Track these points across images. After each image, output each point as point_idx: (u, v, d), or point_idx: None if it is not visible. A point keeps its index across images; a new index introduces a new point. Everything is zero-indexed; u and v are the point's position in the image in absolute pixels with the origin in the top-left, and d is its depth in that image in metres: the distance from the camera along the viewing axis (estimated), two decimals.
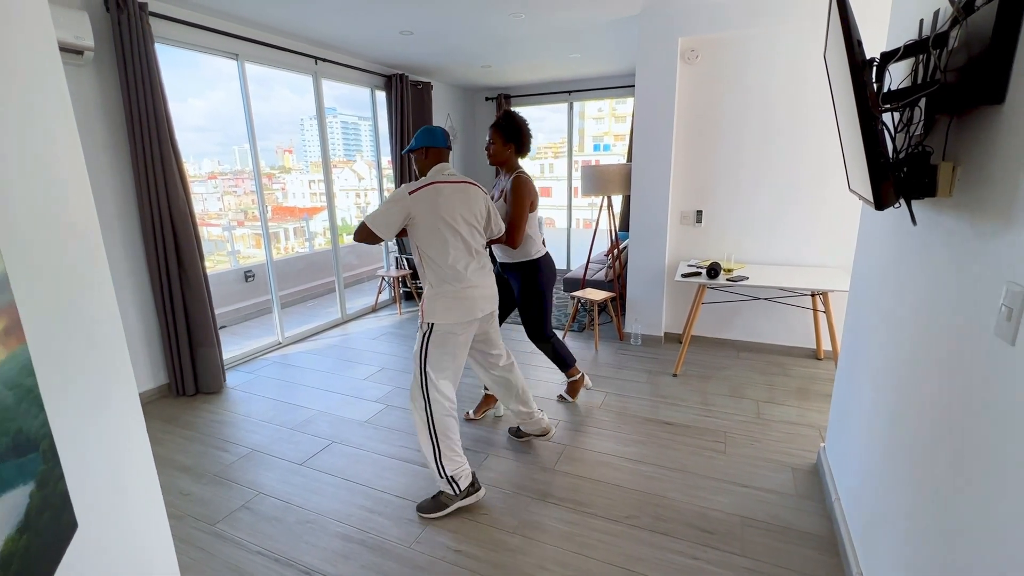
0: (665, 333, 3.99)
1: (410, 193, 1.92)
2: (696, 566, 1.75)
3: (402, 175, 5.14)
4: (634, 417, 2.80)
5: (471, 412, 2.83)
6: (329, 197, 4.47)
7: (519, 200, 2.43)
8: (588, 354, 3.77)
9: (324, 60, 4.20)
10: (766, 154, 3.48)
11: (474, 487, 2.09)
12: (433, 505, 2.06)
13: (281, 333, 4.11)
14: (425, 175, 2.05)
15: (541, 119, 6.35)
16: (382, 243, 2.29)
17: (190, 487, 2.27)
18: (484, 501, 2.12)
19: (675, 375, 3.34)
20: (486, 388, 2.83)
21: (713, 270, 3.17)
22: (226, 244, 8.33)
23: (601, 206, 4.20)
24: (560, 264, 6.82)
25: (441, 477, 2.03)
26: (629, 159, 5.34)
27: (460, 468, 2.06)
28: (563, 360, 2.85)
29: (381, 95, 4.99)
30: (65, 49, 2.49)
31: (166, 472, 2.37)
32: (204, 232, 7.33)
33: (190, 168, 2.97)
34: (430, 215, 1.93)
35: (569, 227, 6.72)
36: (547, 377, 3.37)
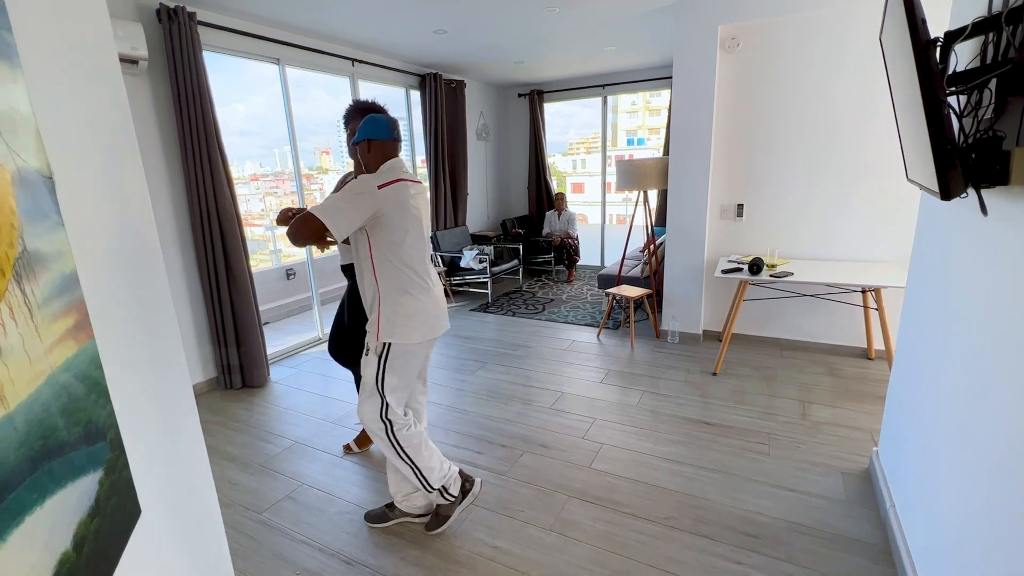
0: (704, 331, 3.89)
1: (379, 187, 1.65)
2: (740, 571, 1.70)
3: (436, 173, 5.20)
4: (672, 416, 2.74)
5: (353, 445, 2.52)
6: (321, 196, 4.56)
7: None
8: (624, 352, 3.72)
9: (361, 62, 4.28)
10: (810, 144, 3.33)
11: (467, 485, 1.96)
12: (437, 521, 1.93)
13: (321, 329, 4.23)
14: (373, 172, 1.76)
15: (572, 114, 6.30)
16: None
17: (238, 476, 2.37)
18: (521, 498, 2.12)
19: (715, 374, 3.25)
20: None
21: (755, 266, 3.06)
22: (268, 243, 8.64)
23: (637, 201, 4.12)
24: (594, 261, 6.75)
25: (431, 492, 1.89)
26: (665, 152, 5.22)
27: (446, 476, 1.91)
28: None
29: (416, 95, 5.06)
30: (122, 59, 2.62)
31: (216, 461, 2.48)
32: (248, 232, 7.62)
33: (234, 170, 3.09)
34: (401, 214, 1.68)
35: (603, 223, 6.64)
36: (582, 375, 3.35)
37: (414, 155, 5.26)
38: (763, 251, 3.57)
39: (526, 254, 6.28)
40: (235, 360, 3.29)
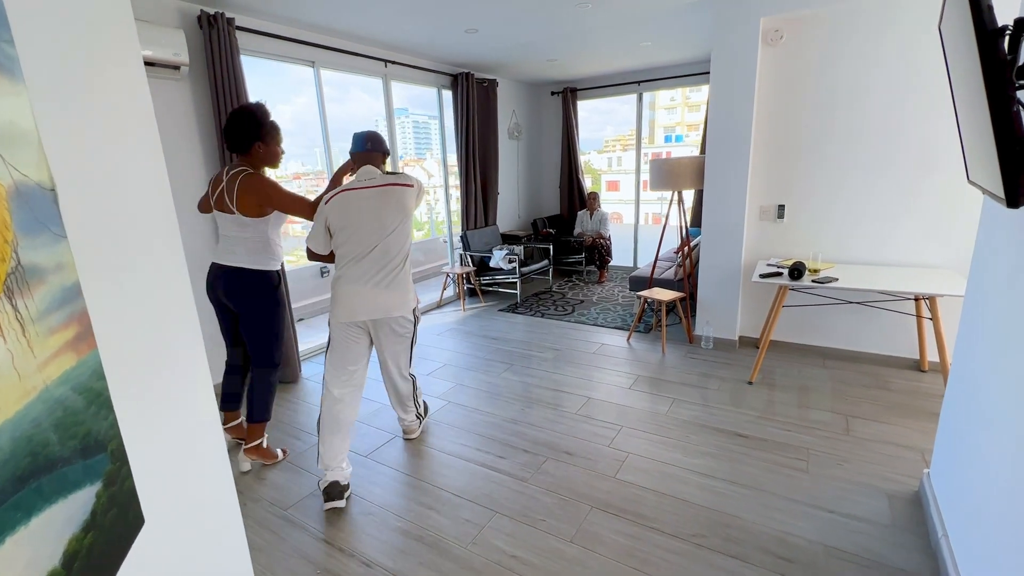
0: (740, 337, 3.73)
1: (325, 202, 2.07)
2: None
3: (467, 172, 5.21)
4: (703, 427, 2.63)
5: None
6: None
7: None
8: (654, 357, 3.61)
9: (393, 63, 4.32)
10: (858, 142, 3.13)
11: (327, 495, 2.10)
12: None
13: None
14: None
15: (609, 111, 6.19)
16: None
17: (266, 472, 2.42)
18: (542, 506, 2.08)
19: (750, 383, 3.10)
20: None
21: (796, 270, 2.90)
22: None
23: (671, 201, 3.99)
24: (627, 262, 6.61)
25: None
26: (703, 151, 5.05)
27: (325, 468, 2.16)
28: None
29: (448, 94, 5.07)
30: (164, 65, 2.73)
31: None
32: (288, 229, 7.89)
33: (279, 169, 3.20)
34: (341, 218, 2.05)
35: (637, 223, 6.49)
36: (610, 381, 3.27)
37: (445, 155, 5.28)
38: (806, 255, 3.38)
39: (557, 254, 6.22)
40: None
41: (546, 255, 5.86)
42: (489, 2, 3.20)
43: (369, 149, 2.17)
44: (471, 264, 5.32)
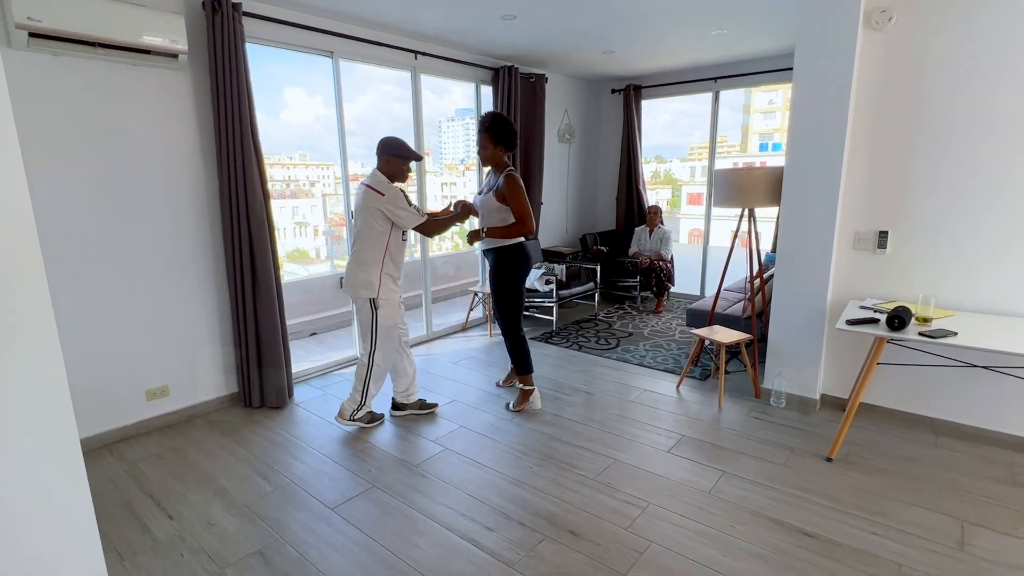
0: (822, 395, 3.24)
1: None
2: None
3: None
4: (757, 515, 2.23)
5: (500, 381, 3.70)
6: (421, 198, 4.51)
7: (519, 194, 2.98)
8: (708, 413, 3.20)
9: (424, 54, 4.24)
10: (992, 153, 2.62)
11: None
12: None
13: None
14: None
15: (700, 114, 5.80)
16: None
17: (219, 516, 2.30)
18: None
19: (830, 459, 2.64)
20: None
21: (898, 318, 2.44)
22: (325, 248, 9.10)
23: (740, 219, 3.59)
24: (694, 290, 6.16)
25: None
26: None
27: None
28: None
29: (487, 90, 4.94)
30: (160, 53, 2.76)
31: (203, 493, 2.45)
32: (344, 232, 8.21)
33: (336, 169, 3.58)
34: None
35: (706, 243, 6.03)
36: (647, 439, 2.90)
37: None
38: (914, 296, 2.87)
39: (608, 276, 5.89)
40: (256, 377, 3.32)
41: (593, 277, 5.54)
42: None
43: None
44: None
